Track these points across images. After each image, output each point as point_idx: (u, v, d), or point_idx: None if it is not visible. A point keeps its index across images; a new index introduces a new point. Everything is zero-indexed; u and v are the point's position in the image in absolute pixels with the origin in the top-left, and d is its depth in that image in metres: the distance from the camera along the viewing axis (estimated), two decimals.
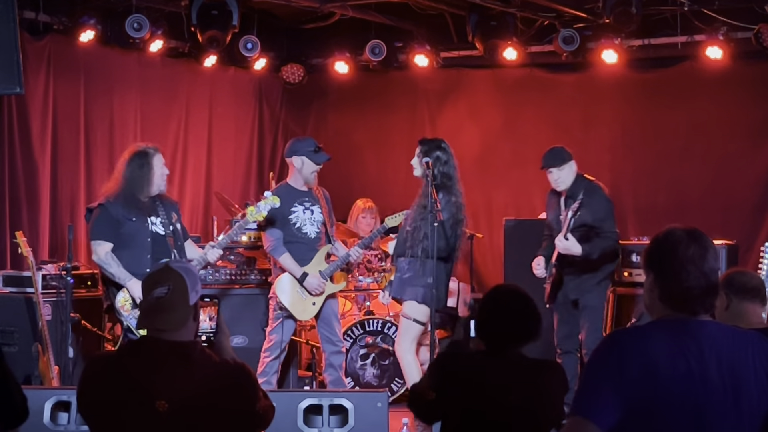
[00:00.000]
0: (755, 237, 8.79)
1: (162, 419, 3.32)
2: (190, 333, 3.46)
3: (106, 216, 6.45)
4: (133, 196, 6.47)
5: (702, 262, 2.86)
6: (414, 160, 6.97)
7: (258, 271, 8.06)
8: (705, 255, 2.88)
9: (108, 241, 6.43)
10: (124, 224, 6.44)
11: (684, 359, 2.78)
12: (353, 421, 5.48)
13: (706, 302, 2.87)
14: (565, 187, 7.26)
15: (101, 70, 8.97)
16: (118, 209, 6.44)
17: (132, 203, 6.47)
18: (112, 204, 6.46)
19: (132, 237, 6.44)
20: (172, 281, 3.42)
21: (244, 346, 7.84)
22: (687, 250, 2.87)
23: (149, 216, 6.51)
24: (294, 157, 7.28)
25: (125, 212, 6.45)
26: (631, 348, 2.81)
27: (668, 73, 9.32)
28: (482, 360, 4.04)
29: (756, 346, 2.86)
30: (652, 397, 2.76)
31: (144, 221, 6.49)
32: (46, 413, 5.46)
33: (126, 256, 6.42)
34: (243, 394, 3.44)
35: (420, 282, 6.77)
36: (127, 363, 3.42)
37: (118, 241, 6.44)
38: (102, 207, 6.48)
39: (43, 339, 6.95)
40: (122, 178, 6.51)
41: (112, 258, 6.41)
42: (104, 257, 6.41)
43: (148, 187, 6.49)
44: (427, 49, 9.61)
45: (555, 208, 7.39)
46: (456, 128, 10.15)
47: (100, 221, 6.46)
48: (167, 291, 3.41)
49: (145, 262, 6.36)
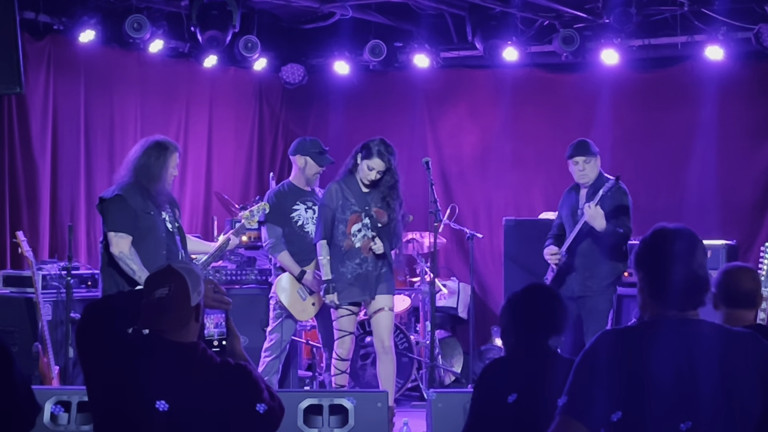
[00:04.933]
0: (755, 237, 8.80)
1: (162, 419, 3.31)
2: (191, 334, 3.46)
3: (125, 206, 6.12)
4: (149, 187, 6.20)
5: (690, 258, 2.87)
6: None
7: (258, 271, 8.06)
8: (693, 251, 2.89)
9: (129, 234, 6.12)
10: (141, 217, 6.15)
11: (674, 359, 2.79)
12: (353, 421, 5.48)
13: (695, 298, 2.88)
14: (588, 180, 7.16)
15: (101, 70, 8.97)
16: (136, 200, 6.15)
17: (147, 195, 6.19)
18: (131, 194, 6.16)
19: (149, 231, 6.17)
20: (173, 281, 3.42)
21: (243, 346, 7.80)
22: (674, 247, 2.88)
23: (162, 210, 6.28)
24: (298, 156, 7.28)
25: (143, 204, 6.17)
26: (621, 348, 2.81)
27: (668, 73, 9.32)
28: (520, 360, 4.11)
29: (748, 346, 2.86)
30: (642, 397, 2.76)
31: (160, 215, 6.24)
32: (46, 413, 5.46)
33: (142, 250, 6.13)
34: (243, 394, 3.43)
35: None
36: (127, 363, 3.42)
37: (135, 234, 6.14)
38: (120, 197, 6.15)
39: (43, 339, 6.95)
40: (135, 167, 6.24)
41: (134, 253, 6.10)
42: (128, 251, 6.08)
43: (159, 180, 6.23)
44: (427, 49, 9.61)
45: (572, 204, 7.22)
46: (456, 128, 10.16)
47: (119, 211, 6.13)
48: (168, 291, 3.41)
49: (161, 258, 6.09)
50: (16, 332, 7.40)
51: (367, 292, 6.89)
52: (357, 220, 6.90)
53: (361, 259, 6.88)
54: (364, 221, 6.90)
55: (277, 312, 7.26)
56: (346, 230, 6.89)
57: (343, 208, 6.90)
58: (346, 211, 6.90)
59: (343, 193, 6.91)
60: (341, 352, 6.91)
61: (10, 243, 7.90)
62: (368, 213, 6.91)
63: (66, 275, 7.22)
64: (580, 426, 2.77)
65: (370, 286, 6.89)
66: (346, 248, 6.88)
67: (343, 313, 6.89)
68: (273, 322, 7.29)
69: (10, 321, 7.44)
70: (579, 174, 7.17)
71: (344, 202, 6.90)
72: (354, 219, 6.90)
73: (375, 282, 6.90)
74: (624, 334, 2.88)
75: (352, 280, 6.87)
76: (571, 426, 2.78)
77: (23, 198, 8.37)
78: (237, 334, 3.71)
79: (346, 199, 6.90)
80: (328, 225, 6.92)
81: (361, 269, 6.88)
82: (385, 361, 6.93)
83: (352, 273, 6.87)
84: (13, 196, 8.30)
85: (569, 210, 7.24)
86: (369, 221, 6.90)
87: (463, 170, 10.16)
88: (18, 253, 7.19)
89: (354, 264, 6.88)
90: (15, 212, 8.28)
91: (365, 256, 6.88)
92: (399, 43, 9.73)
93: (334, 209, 6.91)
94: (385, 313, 6.93)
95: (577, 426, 2.77)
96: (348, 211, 6.90)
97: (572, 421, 2.78)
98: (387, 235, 6.93)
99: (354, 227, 6.90)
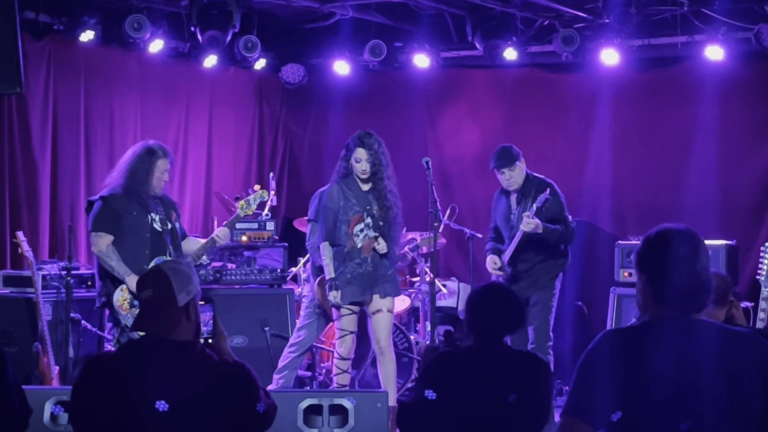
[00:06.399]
0: (755, 237, 8.79)
1: (162, 419, 3.31)
2: (186, 333, 3.45)
3: (107, 208, 6.43)
4: (135, 190, 6.45)
5: (693, 261, 2.87)
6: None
7: (258, 270, 8.05)
8: (696, 254, 2.88)
9: (109, 234, 6.40)
10: (124, 218, 6.42)
11: (676, 358, 2.78)
12: (353, 421, 5.48)
13: (698, 301, 2.87)
14: (517, 186, 7.45)
15: (101, 70, 8.97)
16: (120, 202, 6.43)
17: (134, 197, 6.45)
18: (115, 196, 6.44)
19: (132, 231, 6.42)
20: (157, 283, 3.42)
21: (244, 346, 7.84)
22: (678, 249, 2.87)
23: (150, 212, 6.50)
24: None
25: (127, 205, 6.43)
26: (624, 348, 2.81)
27: (668, 73, 9.31)
28: (475, 354, 4.28)
29: (749, 346, 2.86)
30: (644, 397, 2.75)
31: (145, 216, 6.47)
32: (46, 413, 5.46)
33: (125, 250, 6.39)
34: (243, 394, 3.43)
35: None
36: (127, 364, 3.42)
37: (118, 234, 6.40)
38: (103, 199, 6.46)
39: (43, 339, 6.94)
40: (125, 171, 6.50)
41: (113, 251, 6.38)
42: (105, 249, 6.38)
43: (145, 185, 6.48)
44: (427, 49, 9.61)
45: (504, 209, 7.56)
46: (456, 128, 10.15)
47: (101, 213, 6.43)
48: (152, 293, 3.41)
49: (143, 258, 6.36)
50: (16, 332, 7.40)
51: (367, 292, 6.89)
52: (359, 220, 6.89)
53: (361, 259, 6.88)
54: (366, 221, 6.89)
55: (311, 310, 7.29)
56: (348, 231, 6.89)
57: (344, 209, 6.90)
58: (348, 211, 6.90)
59: (344, 194, 6.91)
60: (342, 351, 6.91)
61: (10, 243, 7.90)
62: (370, 213, 6.91)
63: (66, 275, 7.22)
64: (584, 426, 2.77)
65: (370, 285, 6.89)
66: (348, 249, 6.88)
67: (344, 313, 6.89)
68: (305, 320, 7.33)
69: (10, 321, 7.44)
70: (506, 183, 7.48)
71: (345, 203, 6.90)
72: (356, 219, 6.89)
73: (377, 282, 6.90)
74: (626, 334, 2.88)
75: (351, 280, 6.86)
76: (576, 426, 2.78)
77: (23, 198, 8.37)
78: (224, 332, 3.72)
79: (348, 200, 6.90)
80: (330, 226, 6.92)
81: (361, 269, 6.87)
82: (384, 361, 6.93)
83: (352, 273, 6.86)
84: (13, 196, 8.30)
85: (502, 216, 7.56)
86: (371, 221, 6.90)
87: (463, 170, 10.15)
88: (18, 253, 7.18)
89: (354, 264, 6.87)
90: (15, 212, 8.28)
91: (365, 256, 6.87)
92: (399, 43, 9.73)
93: (336, 211, 6.91)
94: (384, 314, 6.92)
95: (582, 426, 2.77)
96: (350, 212, 6.89)
97: (576, 421, 2.78)
98: (389, 233, 6.93)
99: (356, 227, 6.89)
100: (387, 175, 6.93)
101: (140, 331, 3.47)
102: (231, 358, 3.55)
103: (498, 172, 7.47)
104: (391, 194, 6.95)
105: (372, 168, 6.89)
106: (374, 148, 6.89)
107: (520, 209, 7.39)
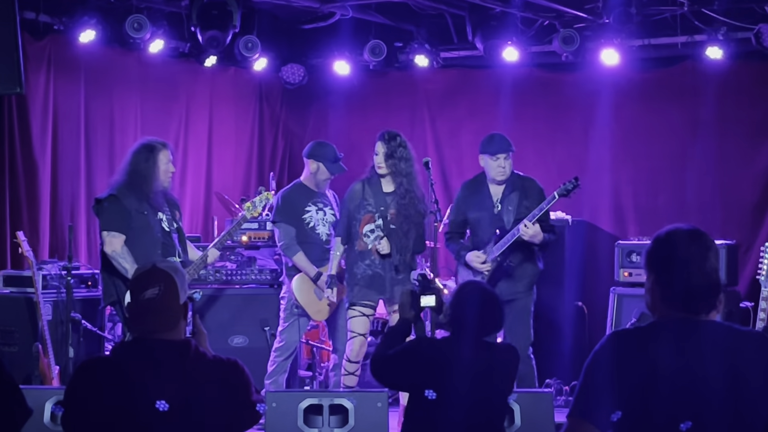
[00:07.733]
0: (755, 237, 8.78)
1: (162, 419, 3.32)
2: (181, 332, 3.48)
3: (118, 207, 6.32)
4: (142, 188, 6.36)
5: (703, 261, 2.85)
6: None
7: (258, 270, 8.05)
8: (706, 254, 2.87)
9: (122, 233, 6.29)
10: (135, 217, 6.32)
11: (684, 359, 2.78)
12: (353, 421, 5.48)
13: (708, 302, 2.86)
14: (506, 177, 7.03)
15: (101, 70, 8.97)
16: (131, 201, 6.33)
17: (142, 196, 6.36)
18: (125, 195, 6.35)
19: (143, 231, 6.33)
20: (162, 281, 3.42)
21: (244, 346, 7.84)
22: (688, 249, 2.86)
23: (158, 211, 6.43)
24: (311, 160, 7.29)
25: (137, 205, 6.33)
26: (631, 348, 2.80)
27: (668, 73, 9.31)
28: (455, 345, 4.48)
29: (757, 346, 2.85)
30: (651, 398, 2.75)
31: (155, 215, 6.39)
32: (46, 413, 5.47)
33: (136, 250, 6.28)
34: (240, 390, 3.45)
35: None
36: (125, 366, 3.42)
37: (130, 234, 6.30)
38: (114, 197, 6.35)
39: (43, 339, 6.95)
40: (127, 171, 6.43)
41: (127, 252, 6.26)
42: (120, 250, 6.25)
43: (152, 181, 6.39)
44: (427, 49, 9.61)
45: (483, 202, 7.06)
46: (456, 128, 10.15)
47: (112, 211, 6.32)
48: (158, 292, 3.41)
49: (155, 258, 6.17)
50: (16, 332, 7.40)
51: (382, 292, 6.87)
52: (369, 220, 6.89)
53: (370, 260, 6.87)
54: (377, 222, 6.88)
55: (290, 312, 7.25)
56: (359, 230, 6.89)
57: (358, 208, 6.90)
58: (360, 210, 6.90)
59: (363, 193, 6.91)
60: (350, 353, 6.87)
61: (10, 243, 7.90)
62: (383, 214, 6.88)
63: (66, 275, 7.23)
64: (591, 427, 2.76)
65: (385, 286, 6.86)
66: (359, 249, 6.88)
67: (354, 314, 6.86)
68: (285, 323, 7.28)
69: (10, 321, 7.44)
70: (498, 170, 6.97)
71: (361, 202, 6.89)
72: (366, 219, 6.89)
73: (386, 286, 6.86)
74: (633, 335, 2.87)
75: (361, 281, 6.86)
76: (582, 427, 2.77)
77: (23, 198, 8.37)
78: (203, 331, 3.74)
79: (364, 199, 6.90)
80: (345, 223, 6.93)
81: (371, 270, 6.86)
82: None
83: (363, 273, 6.86)
84: (13, 196, 8.30)
85: (479, 207, 7.05)
86: (382, 222, 6.88)
87: (463, 170, 10.14)
88: (18, 253, 7.19)
89: (364, 264, 6.87)
90: (15, 212, 8.28)
91: (374, 258, 6.86)
92: (399, 43, 9.73)
93: (351, 209, 6.91)
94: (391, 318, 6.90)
95: (588, 427, 2.76)
96: (362, 211, 6.89)
97: (582, 422, 2.78)
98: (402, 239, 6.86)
99: (366, 227, 6.89)
100: (409, 179, 6.85)
101: (140, 330, 3.47)
102: (220, 356, 3.56)
103: (492, 158, 6.97)
104: (414, 199, 6.87)
105: (388, 164, 6.86)
106: (392, 145, 6.88)
107: (506, 203, 6.98)
